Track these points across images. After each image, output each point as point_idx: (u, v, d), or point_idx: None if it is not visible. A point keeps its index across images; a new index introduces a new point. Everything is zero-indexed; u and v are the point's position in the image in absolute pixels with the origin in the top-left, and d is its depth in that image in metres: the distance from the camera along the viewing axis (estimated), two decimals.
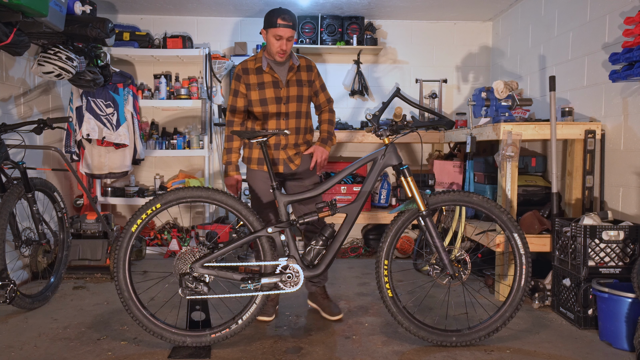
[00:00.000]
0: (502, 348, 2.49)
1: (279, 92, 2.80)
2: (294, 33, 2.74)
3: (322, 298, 2.95)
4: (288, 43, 2.72)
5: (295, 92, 2.83)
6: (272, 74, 2.79)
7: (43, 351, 2.44)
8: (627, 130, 2.99)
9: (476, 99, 3.64)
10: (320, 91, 2.96)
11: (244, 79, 2.81)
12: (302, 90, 2.85)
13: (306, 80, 2.87)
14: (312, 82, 2.90)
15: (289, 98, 2.82)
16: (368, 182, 2.54)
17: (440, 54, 4.99)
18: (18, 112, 3.62)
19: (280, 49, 2.71)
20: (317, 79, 2.93)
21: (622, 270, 2.71)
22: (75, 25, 3.29)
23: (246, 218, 2.48)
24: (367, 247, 4.70)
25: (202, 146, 4.58)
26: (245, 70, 2.81)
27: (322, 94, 2.97)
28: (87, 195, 3.61)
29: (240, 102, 2.84)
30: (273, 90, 2.79)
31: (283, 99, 2.81)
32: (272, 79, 2.80)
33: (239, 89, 2.82)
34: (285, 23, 2.68)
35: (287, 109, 2.82)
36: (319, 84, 2.94)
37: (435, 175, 4.27)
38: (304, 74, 2.87)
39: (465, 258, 2.52)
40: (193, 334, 2.45)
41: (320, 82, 2.95)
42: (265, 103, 2.80)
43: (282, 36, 2.69)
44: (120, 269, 2.43)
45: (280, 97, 2.80)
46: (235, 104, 2.84)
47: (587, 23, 3.35)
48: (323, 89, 2.98)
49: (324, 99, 2.98)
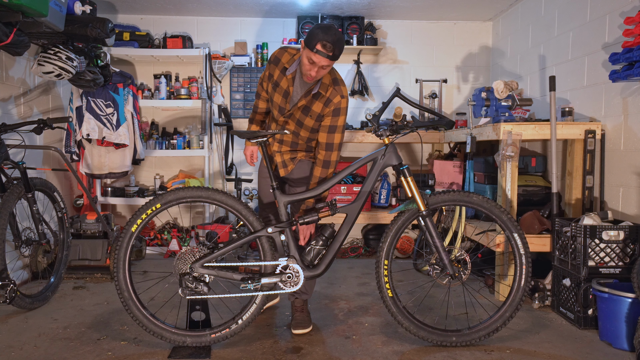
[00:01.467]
0: (502, 348, 2.49)
1: (284, 102, 2.60)
2: (332, 64, 2.40)
3: (296, 311, 2.75)
4: (320, 71, 2.41)
5: (297, 116, 2.60)
6: (290, 84, 2.55)
7: (43, 351, 2.44)
8: (627, 130, 2.99)
9: (476, 99, 3.64)
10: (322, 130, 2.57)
11: (271, 68, 2.61)
12: (306, 120, 2.58)
13: (316, 113, 2.55)
14: (321, 117, 2.57)
15: (291, 116, 2.62)
16: (368, 182, 2.53)
17: (440, 54, 4.99)
18: (18, 112, 3.62)
19: (309, 74, 2.42)
20: (330, 117, 2.54)
21: (622, 270, 2.71)
22: (75, 25, 3.29)
23: (246, 218, 2.48)
24: (367, 247, 4.70)
25: (202, 146, 4.58)
26: (276, 61, 2.59)
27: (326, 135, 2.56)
28: (87, 195, 3.61)
29: (265, 85, 2.70)
30: (281, 98, 2.61)
31: (285, 112, 2.63)
32: (286, 87, 2.57)
33: (265, 74, 2.67)
34: (324, 52, 2.32)
35: (285, 123, 2.66)
36: (327, 122, 2.55)
37: (435, 175, 4.27)
38: (319, 104, 2.53)
39: (465, 258, 2.52)
40: (193, 334, 2.45)
41: (331, 122, 2.54)
42: (272, 102, 2.69)
43: (316, 63, 2.36)
44: (120, 269, 2.43)
45: (284, 108, 2.62)
46: (259, 92, 2.79)
47: (587, 23, 3.35)
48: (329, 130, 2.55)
49: (323, 141, 2.58)
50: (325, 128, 2.57)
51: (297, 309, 2.77)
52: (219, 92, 4.70)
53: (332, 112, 2.54)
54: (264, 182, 2.85)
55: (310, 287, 2.79)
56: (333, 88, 2.53)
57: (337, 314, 3.00)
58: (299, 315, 2.74)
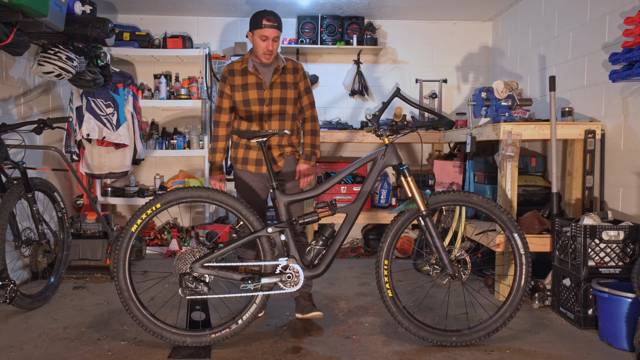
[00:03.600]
0: (502, 348, 2.49)
1: (262, 93, 2.81)
2: (280, 34, 2.75)
3: (305, 301, 2.89)
4: (274, 44, 2.74)
5: (278, 95, 2.83)
6: (257, 75, 2.81)
7: (43, 351, 2.44)
8: (627, 130, 2.99)
9: (476, 99, 3.64)
10: (304, 94, 2.93)
11: (229, 80, 2.85)
12: (287, 93, 2.84)
13: (292, 83, 2.86)
14: (297, 84, 2.89)
15: (272, 100, 2.82)
16: (368, 182, 2.54)
17: (440, 54, 4.99)
18: (18, 112, 3.62)
19: (266, 50, 2.72)
20: (302, 81, 2.91)
21: (622, 270, 2.71)
22: (75, 25, 3.29)
23: (246, 218, 2.48)
24: (367, 247, 4.70)
25: (202, 146, 4.58)
26: (230, 72, 2.85)
27: (306, 97, 2.93)
28: (87, 195, 3.62)
29: (226, 102, 2.88)
30: (256, 91, 2.81)
31: (266, 101, 2.82)
32: (256, 80, 2.81)
33: (224, 90, 2.87)
34: (270, 24, 2.70)
35: (269, 111, 2.83)
36: (303, 87, 2.91)
37: (435, 175, 4.27)
38: (290, 76, 2.86)
39: (465, 258, 2.52)
40: (193, 334, 2.45)
41: (305, 85, 2.92)
42: (248, 104, 2.82)
43: (268, 37, 2.70)
44: (120, 269, 2.43)
45: (263, 98, 2.81)
46: (220, 105, 2.89)
47: (587, 23, 3.35)
48: (307, 92, 2.94)
49: (307, 102, 2.94)
50: (304, 91, 2.93)
51: (305, 299, 2.90)
52: None
53: (302, 75, 2.91)
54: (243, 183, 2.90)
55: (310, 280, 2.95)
56: (291, 61, 2.92)
57: (337, 314, 3.00)
58: (309, 303, 2.87)
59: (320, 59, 4.94)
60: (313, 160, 2.91)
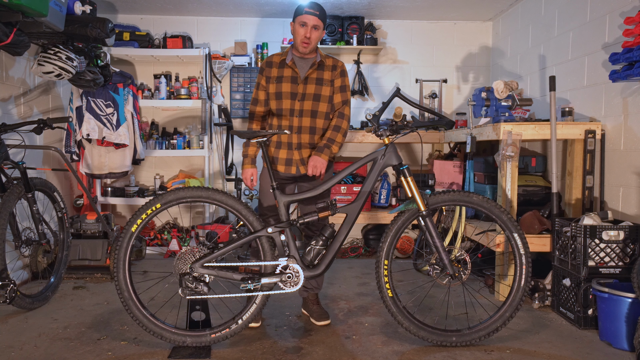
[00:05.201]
0: (502, 348, 2.49)
1: (295, 87, 2.75)
2: (321, 24, 2.70)
3: (312, 304, 2.90)
4: (313, 32, 2.68)
5: (312, 90, 2.75)
6: (293, 68, 2.75)
7: (43, 351, 2.44)
8: (627, 130, 2.99)
9: (476, 99, 3.64)
10: (338, 91, 2.81)
11: (266, 71, 2.79)
12: (321, 90, 2.76)
13: (328, 80, 2.78)
14: (333, 82, 2.80)
15: (305, 95, 2.75)
16: (368, 182, 2.53)
17: (440, 54, 4.99)
18: (18, 112, 3.62)
19: (304, 37, 2.67)
20: (339, 78, 2.81)
21: (622, 270, 2.71)
22: (75, 25, 3.29)
23: (246, 218, 2.48)
24: (367, 247, 4.70)
25: (202, 146, 4.58)
26: (269, 64, 2.80)
27: (340, 94, 2.82)
28: (87, 195, 3.61)
29: (262, 94, 2.82)
30: (290, 85, 2.75)
31: (298, 95, 2.75)
32: (291, 73, 2.76)
33: (261, 81, 2.81)
34: (312, 11, 2.66)
35: (301, 106, 2.74)
36: (339, 83, 2.81)
37: (435, 175, 4.27)
38: (328, 72, 2.78)
39: (465, 258, 2.52)
40: (193, 334, 2.45)
41: (341, 82, 2.81)
42: (280, 97, 2.75)
43: (307, 23, 2.66)
44: (120, 269, 2.43)
45: (296, 92, 2.75)
46: (257, 97, 2.83)
47: (587, 23, 3.35)
48: (342, 90, 2.82)
49: (339, 100, 2.82)
50: (338, 89, 2.82)
51: (313, 302, 2.91)
52: (219, 92, 4.70)
53: (339, 74, 2.81)
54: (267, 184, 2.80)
55: (321, 281, 2.94)
56: (332, 58, 2.84)
57: (337, 314, 3.00)
58: (318, 308, 2.88)
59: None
60: (325, 154, 2.71)
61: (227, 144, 4.73)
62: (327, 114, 2.82)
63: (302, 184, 2.86)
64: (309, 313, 2.90)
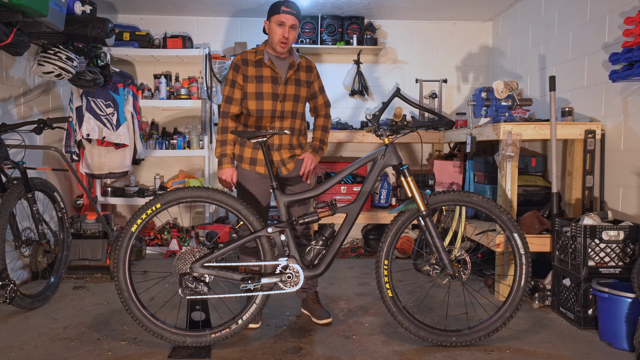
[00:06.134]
0: (502, 348, 2.49)
1: (277, 88, 2.72)
2: (298, 23, 2.68)
3: (313, 303, 2.90)
4: (291, 31, 2.66)
5: (292, 91, 2.76)
6: (273, 68, 2.71)
7: (43, 351, 2.44)
8: (627, 130, 2.99)
9: (476, 99, 3.64)
10: (319, 93, 2.89)
11: (243, 69, 2.71)
12: (300, 90, 2.78)
13: (304, 81, 2.80)
14: (310, 83, 2.84)
15: (286, 96, 2.74)
16: (368, 182, 2.53)
17: (440, 54, 4.99)
18: (18, 112, 3.62)
19: (282, 37, 2.64)
20: (317, 80, 2.87)
21: (622, 270, 2.71)
22: (75, 25, 3.29)
23: (246, 218, 2.48)
24: (367, 247, 4.70)
25: (202, 146, 4.58)
26: (244, 62, 2.72)
27: (321, 96, 2.90)
28: (87, 195, 3.61)
29: (238, 93, 2.73)
30: (271, 85, 2.71)
31: (280, 97, 2.73)
32: (271, 73, 2.72)
33: (237, 79, 2.71)
34: (288, 10, 2.63)
35: (282, 107, 2.74)
36: (317, 86, 2.87)
37: (435, 175, 4.27)
38: (304, 74, 2.81)
39: (465, 258, 2.52)
40: (193, 334, 2.45)
41: (319, 84, 2.88)
42: (261, 97, 2.71)
43: (285, 22, 2.63)
44: (120, 269, 2.43)
45: (278, 94, 2.72)
46: (232, 95, 2.72)
47: (587, 23, 3.35)
48: (322, 92, 2.90)
49: (322, 102, 2.91)
50: (319, 90, 2.90)
51: (313, 301, 2.91)
52: (219, 92, 4.70)
53: (316, 75, 2.88)
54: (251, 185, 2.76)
55: (316, 279, 2.94)
56: (304, 58, 2.87)
57: (337, 314, 3.00)
58: (319, 307, 2.88)
59: (320, 59, 4.94)
60: (319, 155, 2.85)
61: None
62: (302, 114, 2.86)
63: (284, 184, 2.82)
64: (309, 312, 2.90)
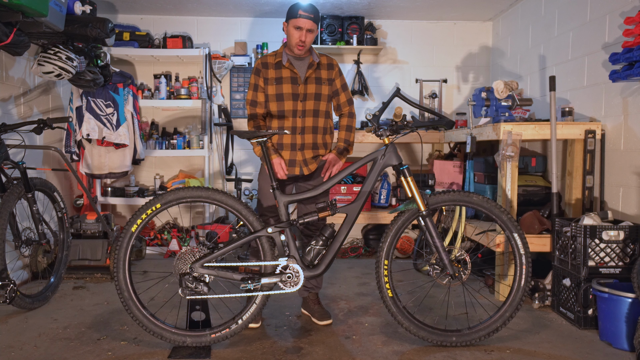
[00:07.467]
0: (502, 348, 2.49)
1: (296, 88, 2.76)
2: (316, 26, 2.71)
3: (313, 304, 2.90)
4: (308, 35, 2.69)
5: (313, 90, 2.78)
6: (292, 69, 2.76)
7: (43, 351, 2.44)
8: (627, 130, 2.99)
9: (476, 99, 3.64)
10: (341, 91, 2.88)
11: (263, 73, 2.78)
12: (321, 89, 2.80)
13: (325, 79, 2.81)
14: (332, 81, 2.85)
15: (307, 95, 2.77)
16: (368, 182, 2.53)
17: (440, 54, 4.98)
18: (18, 112, 3.62)
19: (299, 40, 2.68)
20: (338, 77, 2.87)
21: (622, 270, 2.71)
22: (75, 25, 3.29)
23: (246, 218, 2.48)
24: (367, 247, 4.70)
25: (202, 146, 4.58)
26: (264, 65, 2.79)
27: (343, 94, 2.89)
28: (87, 195, 3.62)
29: (261, 96, 2.79)
30: (291, 86, 2.76)
31: (300, 96, 2.76)
32: (290, 74, 2.76)
33: (259, 83, 2.79)
34: (306, 14, 2.66)
35: (303, 107, 2.77)
36: (339, 83, 2.87)
37: (435, 175, 4.27)
38: (324, 72, 2.82)
39: (465, 258, 2.51)
40: (193, 334, 2.45)
41: (341, 82, 2.88)
42: (282, 99, 2.76)
43: (302, 27, 2.66)
44: (120, 269, 2.43)
45: (298, 93, 2.76)
46: (255, 99, 2.80)
47: (587, 23, 3.35)
48: (344, 89, 2.89)
49: (344, 100, 2.90)
50: (341, 88, 2.89)
51: (314, 302, 2.91)
52: (219, 92, 4.71)
53: (338, 72, 2.87)
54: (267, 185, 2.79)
55: (320, 280, 2.95)
56: (325, 56, 2.87)
57: (337, 314, 3.00)
58: (319, 308, 2.88)
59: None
60: (344, 156, 2.85)
61: (227, 144, 4.73)
62: (327, 112, 2.86)
63: (300, 184, 2.87)
64: (310, 313, 2.90)
